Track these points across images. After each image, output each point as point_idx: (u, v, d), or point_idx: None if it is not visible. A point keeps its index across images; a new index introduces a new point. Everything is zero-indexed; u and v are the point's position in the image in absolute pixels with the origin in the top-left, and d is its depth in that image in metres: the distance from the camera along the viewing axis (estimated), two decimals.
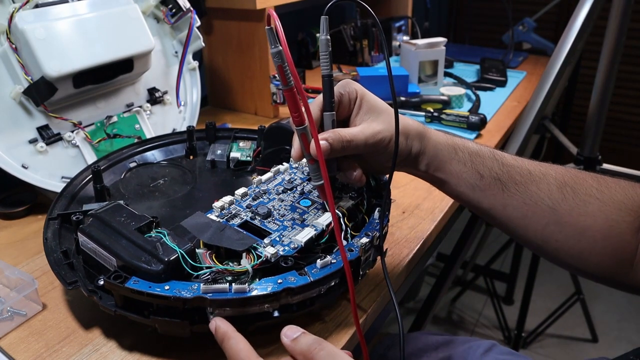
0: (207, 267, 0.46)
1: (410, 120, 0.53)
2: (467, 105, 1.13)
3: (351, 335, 0.50)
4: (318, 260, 0.46)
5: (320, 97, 0.51)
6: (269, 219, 0.53)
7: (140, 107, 0.83)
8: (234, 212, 0.54)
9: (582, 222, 0.50)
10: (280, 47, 0.45)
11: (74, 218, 0.52)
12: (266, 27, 0.45)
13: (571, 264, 0.52)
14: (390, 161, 0.51)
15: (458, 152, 0.54)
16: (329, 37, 0.49)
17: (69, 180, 0.64)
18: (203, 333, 0.46)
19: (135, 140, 0.77)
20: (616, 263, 0.50)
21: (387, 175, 0.54)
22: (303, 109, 0.48)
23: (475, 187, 0.53)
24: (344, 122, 0.53)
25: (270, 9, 0.43)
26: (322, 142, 0.47)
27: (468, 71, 1.38)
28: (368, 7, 0.50)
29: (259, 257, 0.47)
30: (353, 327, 0.51)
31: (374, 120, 0.50)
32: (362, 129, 0.50)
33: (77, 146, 0.74)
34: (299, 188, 0.59)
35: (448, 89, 1.14)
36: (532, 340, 1.78)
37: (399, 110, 0.50)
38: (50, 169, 0.71)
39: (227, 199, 0.55)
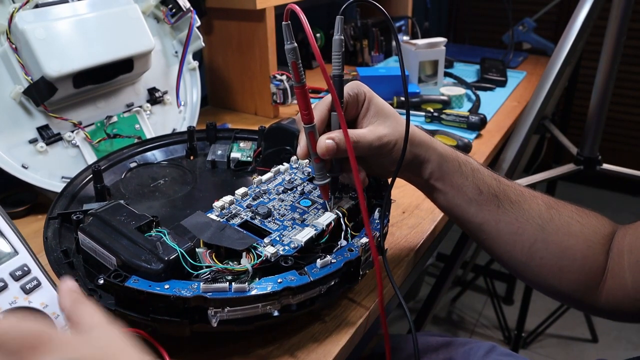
0: (207, 267, 0.46)
1: (417, 129, 0.55)
2: (467, 105, 1.13)
3: (351, 335, 0.50)
4: (318, 260, 0.46)
5: (328, 96, 0.51)
6: (269, 219, 0.53)
7: (140, 107, 0.83)
8: (234, 211, 0.54)
9: (565, 242, 0.54)
10: (295, 44, 0.45)
11: (74, 217, 0.52)
12: (283, 23, 0.44)
13: (549, 282, 0.56)
14: (393, 165, 0.52)
15: (462, 166, 0.56)
16: (343, 37, 0.49)
17: (69, 180, 0.64)
18: (203, 333, 0.46)
19: (135, 140, 0.77)
20: (588, 282, 0.54)
21: (390, 178, 0.55)
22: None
23: (472, 201, 0.55)
24: (351, 124, 0.53)
25: (293, 4, 0.43)
26: (328, 141, 0.48)
27: (468, 71, 1.38)
28: (382, 8, 0.50)
29: (259, 256, 0.47)
30: (353, 327, 0.51)
31: (380, 124, 0.51)
32: (369, 131, 0.51)
33: (77, 146, 0.74)
34: (299, 188, 0.59)
35: (448, 89, 1.14)
36: (532, 340, 1.78)
37: (402, 111, 0.51)
38: (50, 169, 0.71)
39: (228, 198, 0.55)
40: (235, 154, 0.71)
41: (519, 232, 0.55)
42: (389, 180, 0.56)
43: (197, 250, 0.48)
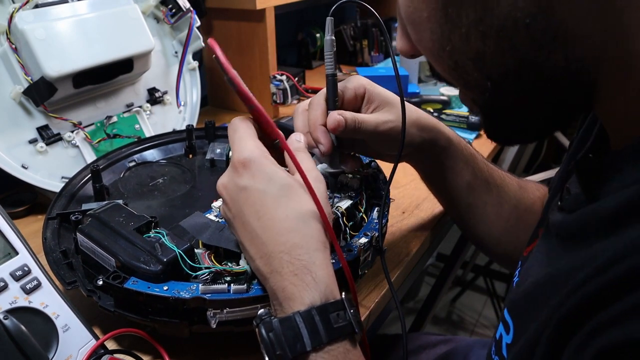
0: (205, 268, 0.46)
1: (424, 114, 0.57)
2: None
3: None
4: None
5: (320, 93, 0.52)
6: None
7: (140, 107, 0.83)
8: None
9: (530, 219, 0.58)
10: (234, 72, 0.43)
11: (72, 218, 0.52)
12: (213, 56, 0.42)
13: (516, 258, 0.59)
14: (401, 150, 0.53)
15: (464, 150, 0.59)
16: (333, 37, 0.51)
17: (68, 180, 0.64)
18: (202, 333, 0.46)
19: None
20: None
21: (388, 173, 0.56)
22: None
23: (468, 185, 0.59)
24: None
25: (211, 38, 0.42)
26: (338, 117, 0.49)
27: None
28: (371, 8, 0.51)
29: None
30: None
31: (385, 112, 0.53)
32: (373, 116, 0.52)
33: (77, 146, 0.74)
34: None
35: (448, 89, 1.14)
36: None
37: (411, 105, 0.53)
38: (50, 169, 0.71)
39: None
40: None
41: (500, 211, 0.60)
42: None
43: (195, 251, 0.48)
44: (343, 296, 0.39)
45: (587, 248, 0.31)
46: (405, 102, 0.54)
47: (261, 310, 0.38)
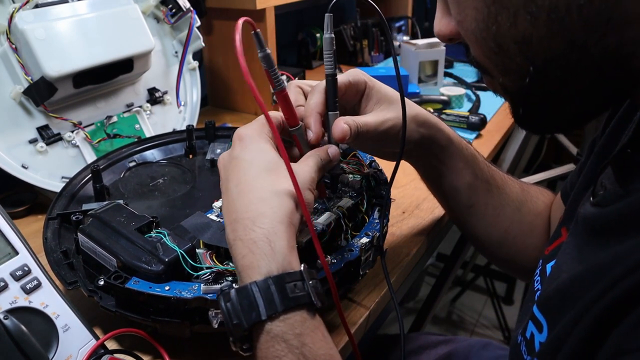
0: (207, 268, 0.46)
1: (423, 110, 0.55)
2: (467, 106, 1.13)
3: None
4: (318, 261, 0.46)
5: (318, 94, 0.50)
6: None
7: (140, 107, 0.83)
8: None
9: (534, 221, 0.59)
10: (268, 51, 0.44)
11: (73, 218, 0.52)
12: (252, 32, 0.44)
13: (518, 260, 0.60)
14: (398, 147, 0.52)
15: (464, 150, 0.57)
16: (333, 35, 0.49)
17: (69, 180, 0.64)
18: (203, 333, 0.46)
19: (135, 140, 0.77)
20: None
21: (388, 173, 0.55)
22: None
23: (468, 185, 0.58)
24: (352, 112, 0.53)
25: (247, 18, 0.43)
26: (343, 126, 0.47)
27: (468, 71, 1.38)
28: (374, 4, 0.50)
29: None
30: (354, 327, 0.51)
31: (384, 109, 0.51)
32: (372, 117, 0.51)
33: (77, 146, 0.74)
34: None
35: (448, 89, 1.14)
36: None
37: (411, 101, 0.52)
38: (50, 169, 0.71)
39: None
40: None
41: (501, 214, 0.59)
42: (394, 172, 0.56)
43: (197, 251, 0.48)
44: (302, 268, 0.38)
45: (627, 241, 0.30)
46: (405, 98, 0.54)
47: (223, 283, 0.38)
